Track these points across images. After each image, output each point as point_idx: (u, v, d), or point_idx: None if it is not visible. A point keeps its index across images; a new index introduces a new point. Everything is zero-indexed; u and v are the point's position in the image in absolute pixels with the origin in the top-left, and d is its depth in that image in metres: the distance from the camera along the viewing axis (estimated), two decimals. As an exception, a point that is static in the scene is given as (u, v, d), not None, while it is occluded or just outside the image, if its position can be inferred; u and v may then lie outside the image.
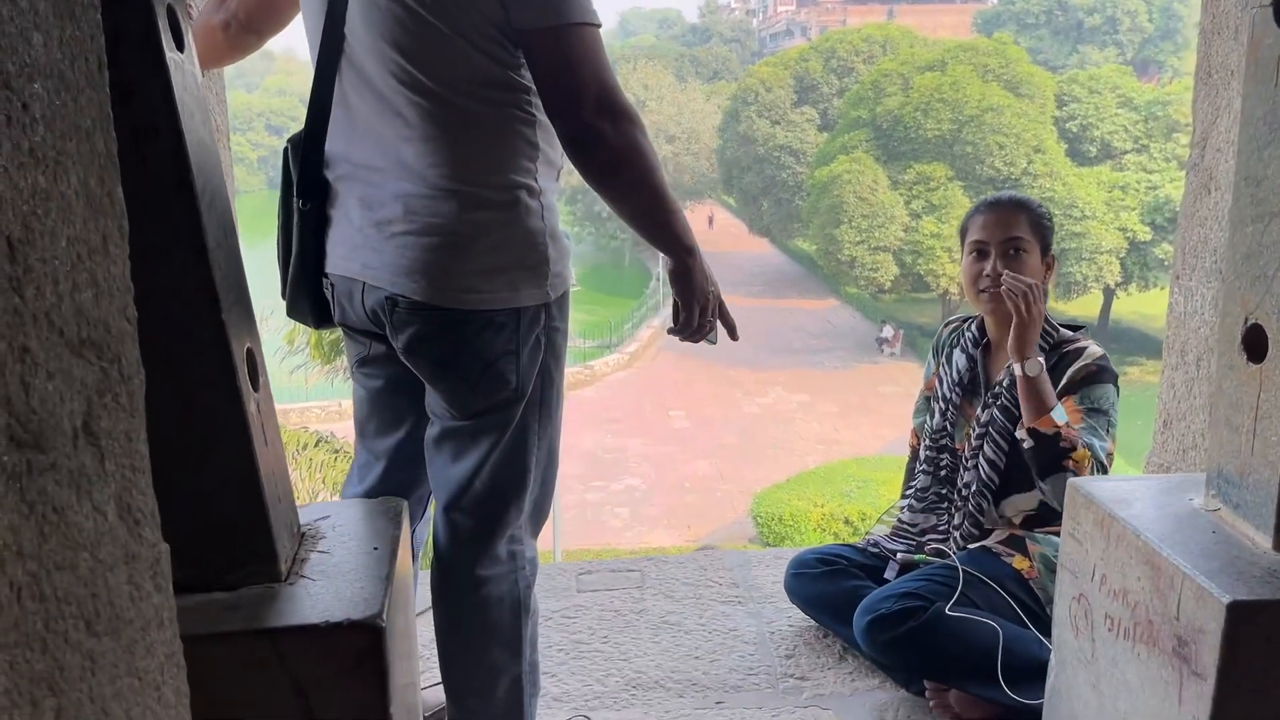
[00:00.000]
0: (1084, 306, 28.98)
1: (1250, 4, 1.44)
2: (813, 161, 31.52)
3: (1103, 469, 2.00)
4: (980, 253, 2.19)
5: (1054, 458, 1.99)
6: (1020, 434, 2.05)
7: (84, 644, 0.80)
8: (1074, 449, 1.98)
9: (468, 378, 1.58)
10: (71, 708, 0.74)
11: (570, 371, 24.71)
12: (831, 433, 21.60)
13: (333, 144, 1.60)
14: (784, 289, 34.95)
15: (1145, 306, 28.32)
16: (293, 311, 1.71)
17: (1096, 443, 2.01)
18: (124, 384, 0.91)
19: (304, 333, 11.92)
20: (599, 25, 1.48)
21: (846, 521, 15.55)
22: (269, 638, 1.30)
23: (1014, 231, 2.16)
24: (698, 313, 1.63)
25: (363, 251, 1.57)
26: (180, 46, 1.34)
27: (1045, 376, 2.04)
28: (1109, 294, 28.04)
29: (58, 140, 0.80)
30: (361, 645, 1.31)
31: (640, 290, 34.13)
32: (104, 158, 0.88)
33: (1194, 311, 2.34)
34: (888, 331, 27.27)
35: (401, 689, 1.42)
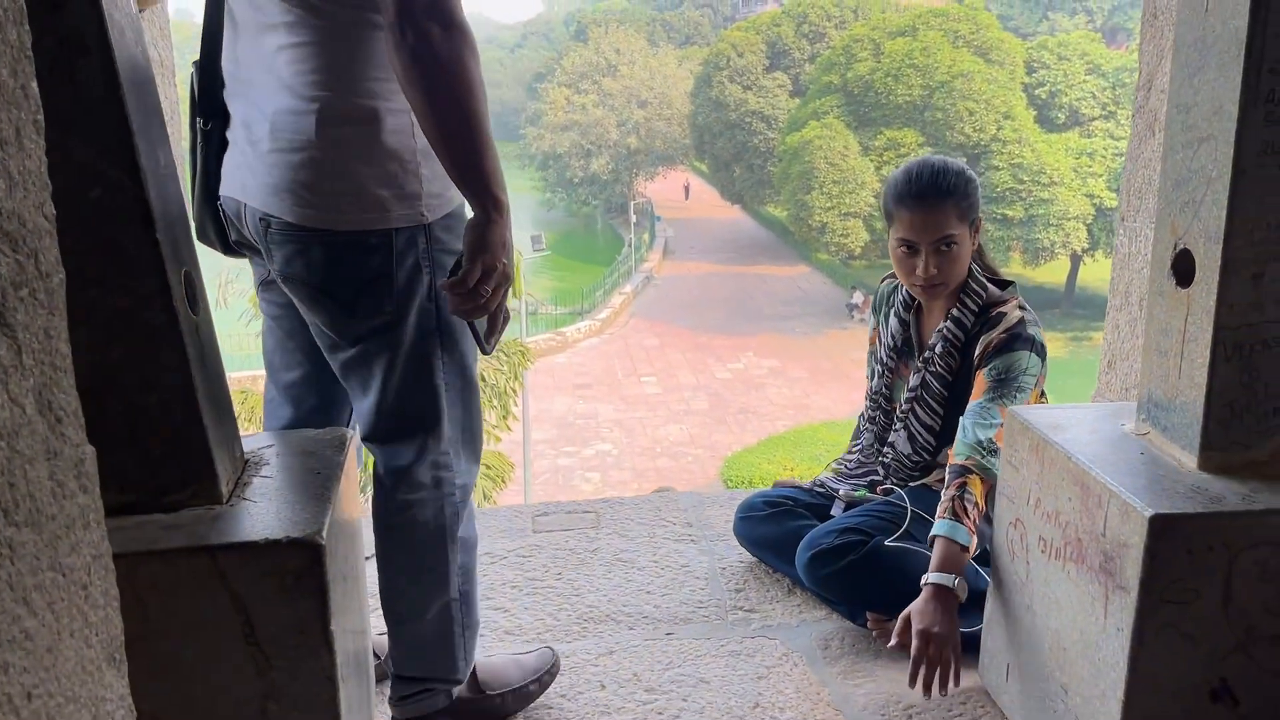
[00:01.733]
0: (1052, 272, 29.24)
1: (1184, -68, 1.45)
2: (784, 127, 31.47)
3: (993, 451, 1.97)
4: (909, 247, 2.12)
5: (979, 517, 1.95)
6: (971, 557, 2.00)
7: (1, 532, 0.81)
8: (964, 502, 1.94)
9: (341, 300, 1.54)
10: (5, 580, 0.75)
11: (542, 338, 24.65)
12: (802, 398, 21.74)
13: (225, 62, 1.58)
14: (756, 255, 34.98)
15: (1112, 272, 28.55)
16: (201, 236, 1.66)
17: (981, 428, 1.98)
18: (41, 280, 0.90)
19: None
20: None
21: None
22: (208, 555, 1.31)
23: (944, 230, 2.08)
24: (478, 272, 1.43)
25: (242, 171, 1.54)
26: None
27: (953, 578, 1.89)
28: (1076, 260, 28.28)
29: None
30: (301, 562, 1.32)
31: (612, 256, 34.02)
32: (17, 50, 0.87)
33: (1137, 252, 2.37)
34: (858, 298, 27.40)
35: (343, 608, 1.44)
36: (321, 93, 1.45)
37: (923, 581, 1.87)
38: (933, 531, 1.91)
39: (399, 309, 1.54)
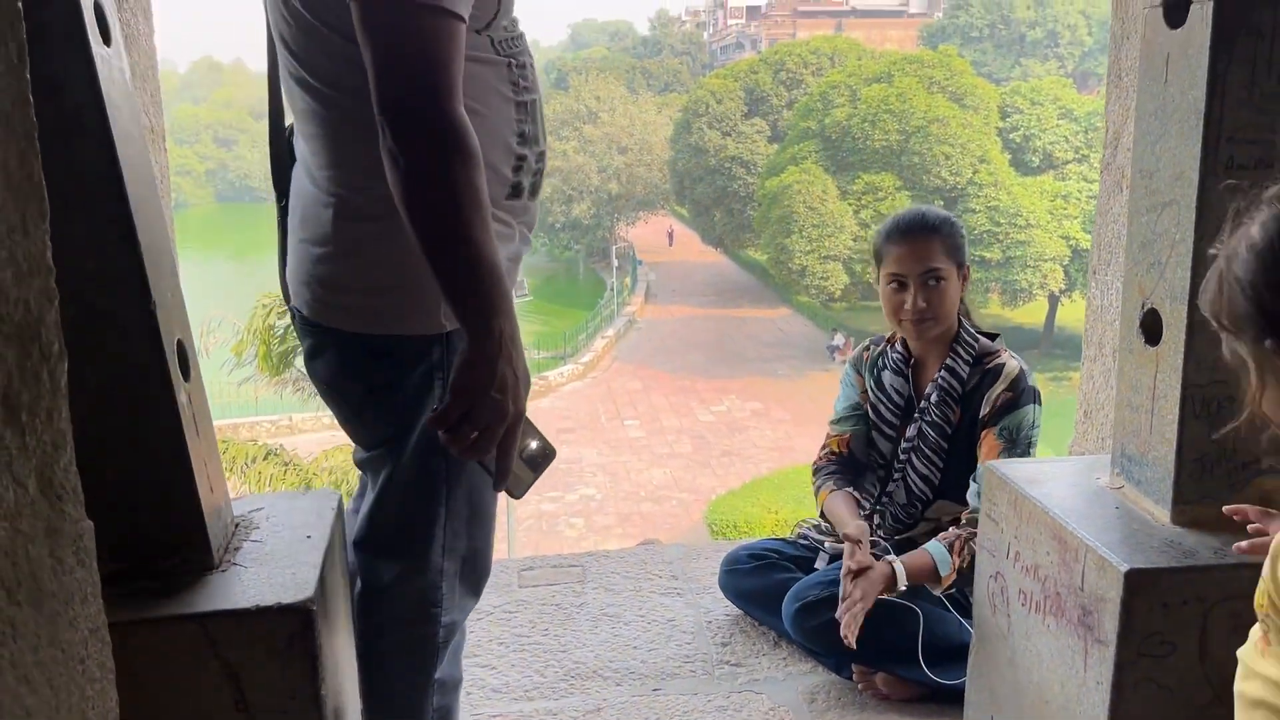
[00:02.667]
0: (1030, 313, 29.51)
1: (1146, 3, 1.52)
2: (763, 172, 31.80)
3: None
4: (900, 283, 2.22)
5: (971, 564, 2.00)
6: (940, 591, 2.10)
7: (4, 611, 0.82)
8: (967, 544, 2.02)
9: (351, 405, 1.48)
10: (8, 660, 0.77)
11: (524, 382, 24.55)
12: (785, 440, 21.77)
13: (295, 142, 1.55)
14: (737, 298, 35.17)
15: (1089, 313, 28.88)
16: (286, 301, 1.61)
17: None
18: (45, 362, 0.93)
19: (253, 345, 11.78)
20: (435, 4, 1.20)
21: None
22: (199, 623, 1.32)
23: (931, 263, 2.18)
24: (456, 413, 1.24)
25: (289, 256, 1.52)
26: (107, 41, 1.36)
27: (902, 568, 2.04)
28: (1054, 301, 28.58)
29: (-26, 120, 0.83)
30: (292, 629, 1.34)
31: (594, 301, 34.15)
32: (23, 139, 0.90)
33: (1110, 305, 2.43)
34: (839, 339, 27.54)
35: (333, 669, 1.45)
36: (338, 189, 1.39)
37: (885, 560, 2.02)
38: (925, 546, 1.99)
39: (404, 422, 1.43)
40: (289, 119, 1.53)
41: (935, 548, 1.99)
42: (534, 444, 1.36)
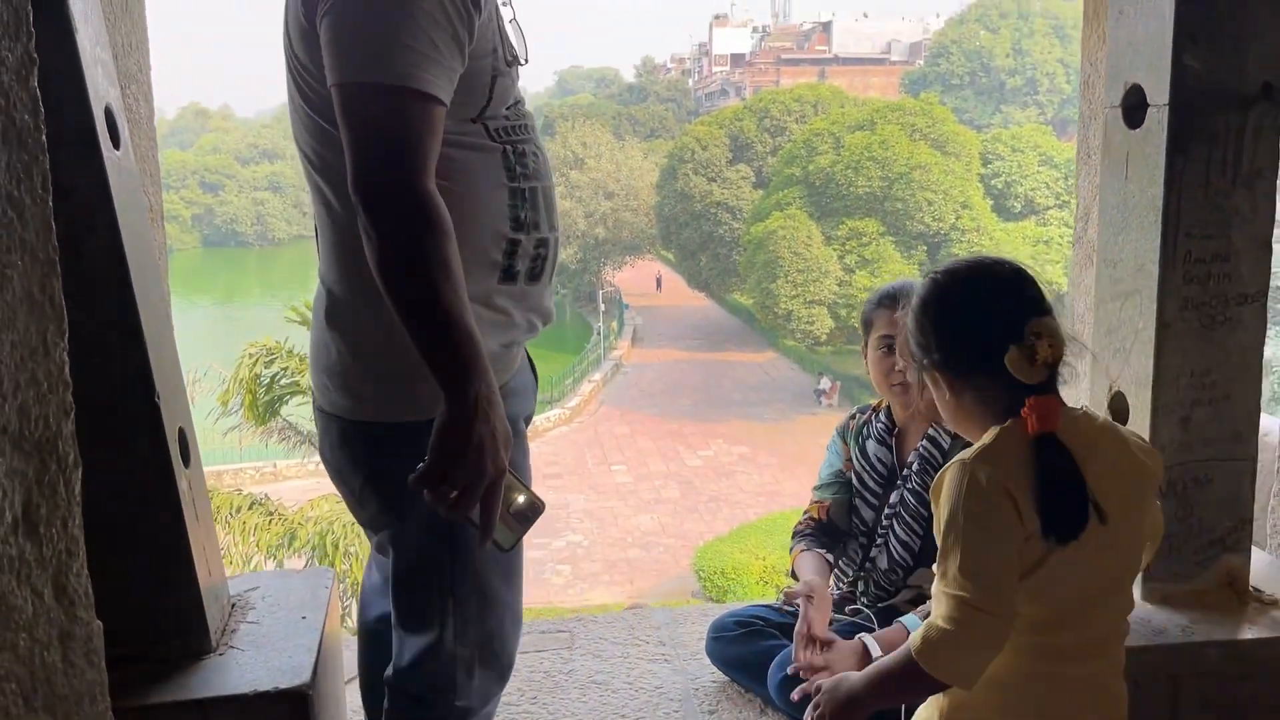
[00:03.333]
0: (1013, 357, 29.72)
1: (1107, 103, 1.60)
2: (748, 218, 32.09)
3: None
4: (889, 347, 2.28)
5: None
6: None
7: (22, 718, 0.86)
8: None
9: (354, 490, 1.51)
10: None
11: (511, 428, 24.52)
12: (772, 484, 21.76)
13: None
14: (723, 342, 35.30)
15: (1072, 355, 29.13)
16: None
17: None
18: (61, 474, 0.97)
19: (239, 394, 11.77)
20: (404, 86, 1.27)
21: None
22: (199, 709, 1.36)
23: None
24: (435, 476, 1.29)
25: (310, 347, 1.56)
26: (116, 144, 1.42)
27: (875, 644, 2.05)
28: (1038, 344, 28.78)
29: (4, 254, 0.88)
30: (289, 713, 1.37)
31: (581, 345, 34.20)
32: (45, 265, 0.96)
33: (1082, 372, 2.50)
34: (825, 383, 27.65)
35: (328, 753, 1.48)
36: (339, 286, 1.45)
37: (858, 638, 2.00)
38: (902, 619, 2.01)
39: (400, 509, 1.46)
40: None
41: (912, 621, 2.03)
42: (521, 499, 1.39)
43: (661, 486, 22.10)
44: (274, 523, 11.01)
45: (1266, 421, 2.21)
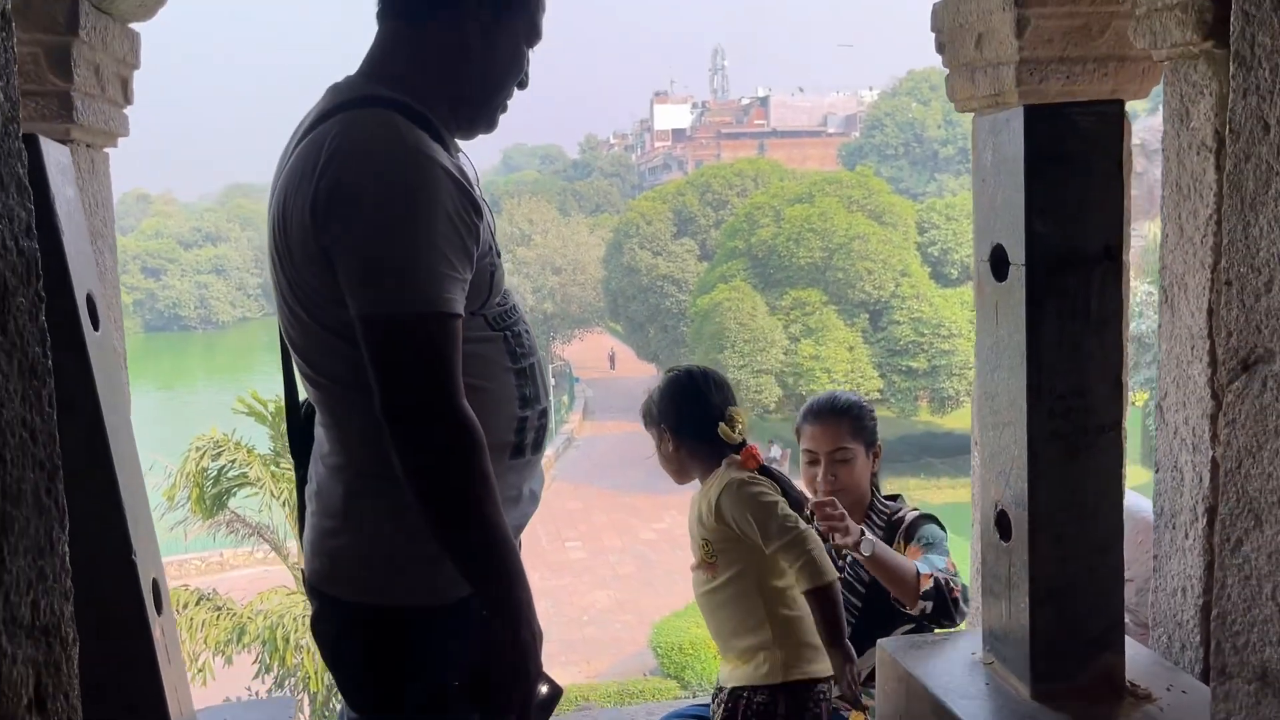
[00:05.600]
0: (960, 419, 30.31)
1: (978, 256, 1.83)
2: (694, 290, 32.64)
3: (945, 585, 2.27)
4: (812, 459, 2.52)
5: (943, 600, 2.24)
6: (917, 609, 2.31)
7: None
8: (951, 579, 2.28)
9: (351, 669, 1.54)
10: None
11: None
12: (726, 556, 21.84)
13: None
14: (674, 413, 35.52)
15: (1014, 416, 29.80)
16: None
17: (938, 562, 2.32)
18: (64, 653, 1.12)
19: (185, 488, 11.67)
20: (436, 312, 1.33)
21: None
22: None
23: (839, 442, 2.47)
24: (503, 686, 1.37)
25: (305, 529, 1.59)
26: (96, 326, 1.58)
27: (881, 546, 2.29)
28: (980, 406, 29.42)
29: (21, 471, 1.04)
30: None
31: (532, 421, 34.20)
32: (51, 472, 1.11)
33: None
34: (775, 451, 27.92)
35: None
36: (345, 468, 1.48)
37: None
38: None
39: (399, 689, 1.48)
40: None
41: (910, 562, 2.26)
42: (544, 689, 1.45)
43: (617, 562, 22.06)
44: (222, 618, 10.87)
45: (1140, 501, 2.44)
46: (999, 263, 1.75)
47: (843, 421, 2.51)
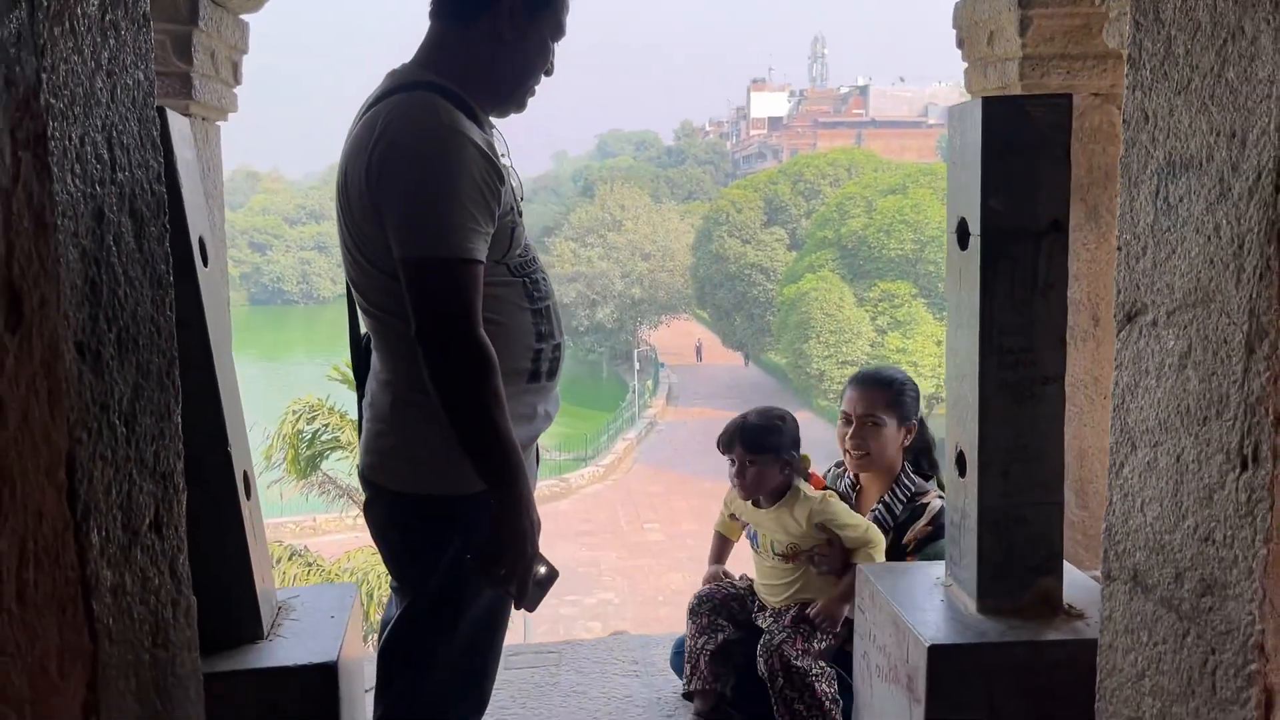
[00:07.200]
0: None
1: (949, 227, 2.09)
2: (782, 279, 32.69)
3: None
4: (846, 420, 2.79)
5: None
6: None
7: (151, 652, 1.37)
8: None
9: (392, 545, 1.89)
10: (148, 685, 1.31)
11: (546, 484, 25.04)
12: (801, 543, 21.97)
13: None
14: (757, 401, 35.00)
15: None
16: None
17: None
18: (176, 496, 1.49)
19: (281, 449, 12.36)
20: (459, 258, 1.62)
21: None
22: (255, 675, 1.85)
23: (873, 409, 2.74)
24: (494, 554, 1.69)
25: (361, 431, 1.94)
26: (205, 263, 1.96)
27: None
28: (1070, 406, 28.85)
29: (150, 356, 1.40)
30: (317, 680, 1.86)
31: (616, 403, 34.74)
32: (169, 359, 1.47)
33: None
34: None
35: (351, 712, 1.96)
36: (391, 382, 1.82)
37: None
38: None
39: (428, 563, 1.81)
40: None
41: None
42: (542, 570, 1.77)
43: (694, 545, 22.39)
44: (312, 573, 11.53)
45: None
46: (962, 234, 2.01)
47: (881, 392, 2.76)
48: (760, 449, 2.65)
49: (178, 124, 1.84)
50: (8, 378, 0.97)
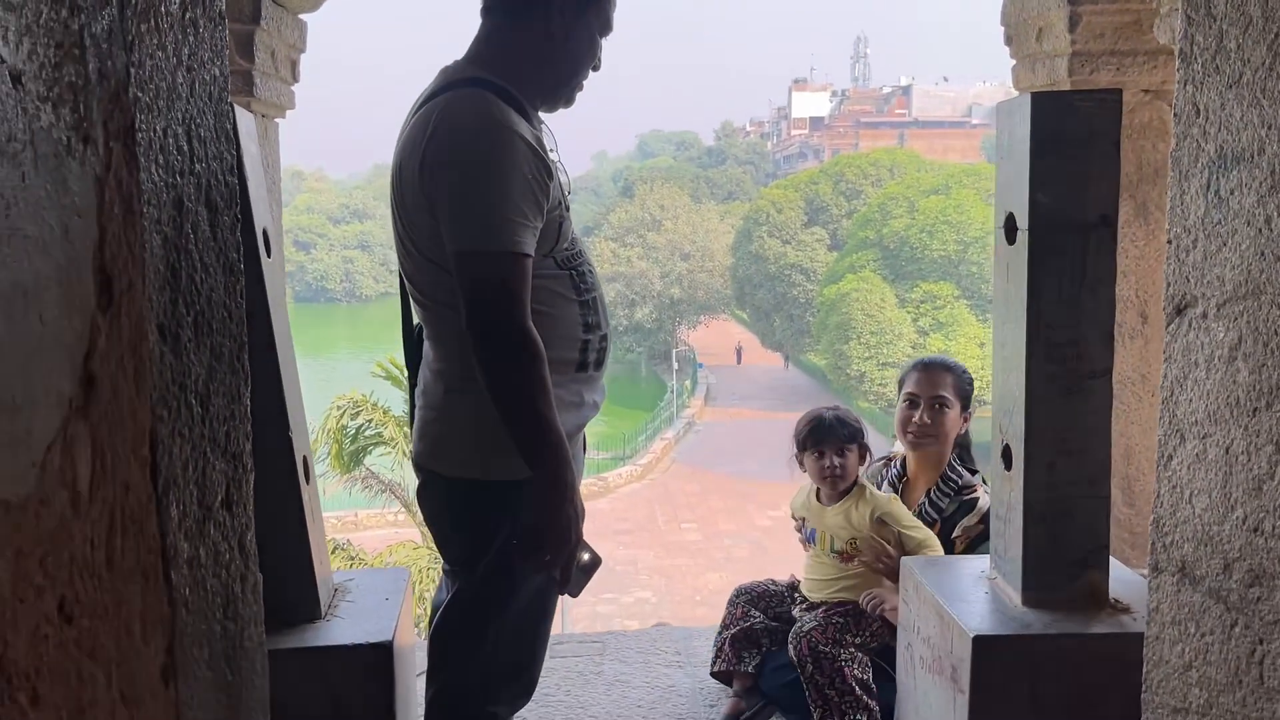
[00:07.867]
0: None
1: (996, 223, 2.10)
2: (822, 279, 32.54)
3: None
4: (912, 402, 2.80)
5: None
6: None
7: (224, 624, 1.43)
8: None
9: (443, 530, 1.94)
10: (219, 656, 1.37)
11: (583, 483, 25.04)
12: (840, 545, 21.88)
13: None
14: (797, 402, 35.42)
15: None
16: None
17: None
18: (245, 475, 1.55)
19: (325, 444, 12.52)
20: (509, 251, 1.66)
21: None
22: (314, 653, 1.91)
23: (940, 390, 2.76)
24: (539, 540, 1.72)
25: (414, 419, 1.99)
26: (269, 254, 2.02)
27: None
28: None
29: (221, 339, 1.46)
30: (373, 659, 1.92)
31: (654, 402, 34.78)
32: (238, 345, 1.53)
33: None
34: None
35: (404, 693, 2.02)
36: (445, 372, 1.85)
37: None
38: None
39: (479, 547, 1.86)
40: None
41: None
42: (585, 556, 1.81)
43: (731, 545, 22.37)
44: (354, 568, 11.69)
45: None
46: (1010, 229, 2.02)
47: (947, 374, 2.80)
48: (852, 439, 2.75)
49: (244, 119, 1.90)
50: (100, 356, 1.02)
